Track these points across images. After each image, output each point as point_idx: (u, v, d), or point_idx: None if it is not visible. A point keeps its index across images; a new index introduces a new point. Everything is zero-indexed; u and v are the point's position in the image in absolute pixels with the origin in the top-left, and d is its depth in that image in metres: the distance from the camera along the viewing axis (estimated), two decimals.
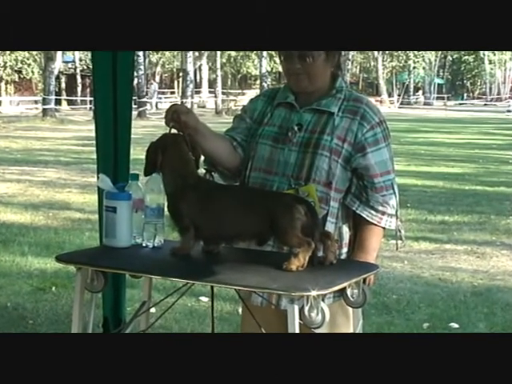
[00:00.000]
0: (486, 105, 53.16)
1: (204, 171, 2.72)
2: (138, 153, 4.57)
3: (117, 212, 2.56)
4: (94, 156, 3.72)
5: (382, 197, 2.64)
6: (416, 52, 50.40)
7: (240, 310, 4.72)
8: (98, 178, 2.80)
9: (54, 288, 5.73)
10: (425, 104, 50.90)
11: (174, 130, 2.53)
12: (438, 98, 53.11)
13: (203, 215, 2.42)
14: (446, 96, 50.66)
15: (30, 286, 5.78)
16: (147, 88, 32.79)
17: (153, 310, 3.72)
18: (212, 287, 2.71)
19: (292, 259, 2.28)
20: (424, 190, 11.29)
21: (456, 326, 5.02)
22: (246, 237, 2.44)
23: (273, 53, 31.81)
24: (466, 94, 61.28)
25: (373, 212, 2.65)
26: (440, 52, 51.33)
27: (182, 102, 31.37)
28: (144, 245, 2.61)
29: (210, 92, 45.24)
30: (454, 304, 5.54)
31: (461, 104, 53.12)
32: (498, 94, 57.56)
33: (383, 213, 2.65)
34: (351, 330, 2.71)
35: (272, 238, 2.42)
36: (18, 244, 7.16)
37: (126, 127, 3.64)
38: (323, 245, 2.37)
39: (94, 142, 3.70)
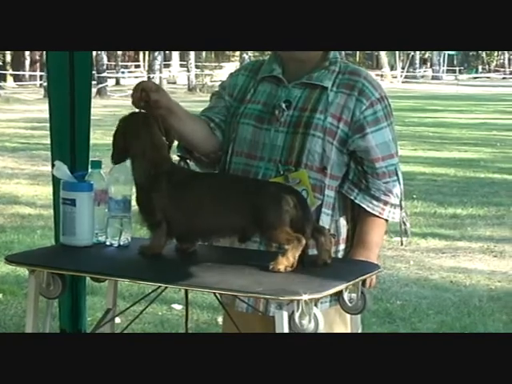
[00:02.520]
0: (504, 79, 53.38)
1: (177, 159, 2.73)
2: (97, 137, 4.60)
3: (76, 205, 2.57)
4: (45, 141, 3.73)
5: (384, 184, 2.67)
6: None
7: (220, 320, 4.76)
8: (52, 165, 2.80)
9: (0, 295, 5.72)
10: (433, 78, 51.03)
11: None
12: (448, 72, 53.25)
13: (177, 208, 2.43)
14: (457, 69, 50.83)
15: None
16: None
17: (117, 319, 3.73)
18: (186, 292, 2.72)
19: (280, 258, 2.30)
20: (433, 179, 11.35)
21: None
22: (225, 233, 2.46)
23: None
24: (480, 67, 61.49)
25: (374, 202, 2.67)
26: None
27: (148, 77, 31.29)
28: (108, 243, 2.62)
29: (181, 65, 45.04)
30: (467, 310, 5.59)
31: (475, 78, 53.28)
32: None
33: (386, 202, 2.68)
34: None
35: (257, 235, 2.44)
36: None
37: (85, 106, 3.63)
38: (316, 242, 2.38)
39: (46, 124, 3.69)
